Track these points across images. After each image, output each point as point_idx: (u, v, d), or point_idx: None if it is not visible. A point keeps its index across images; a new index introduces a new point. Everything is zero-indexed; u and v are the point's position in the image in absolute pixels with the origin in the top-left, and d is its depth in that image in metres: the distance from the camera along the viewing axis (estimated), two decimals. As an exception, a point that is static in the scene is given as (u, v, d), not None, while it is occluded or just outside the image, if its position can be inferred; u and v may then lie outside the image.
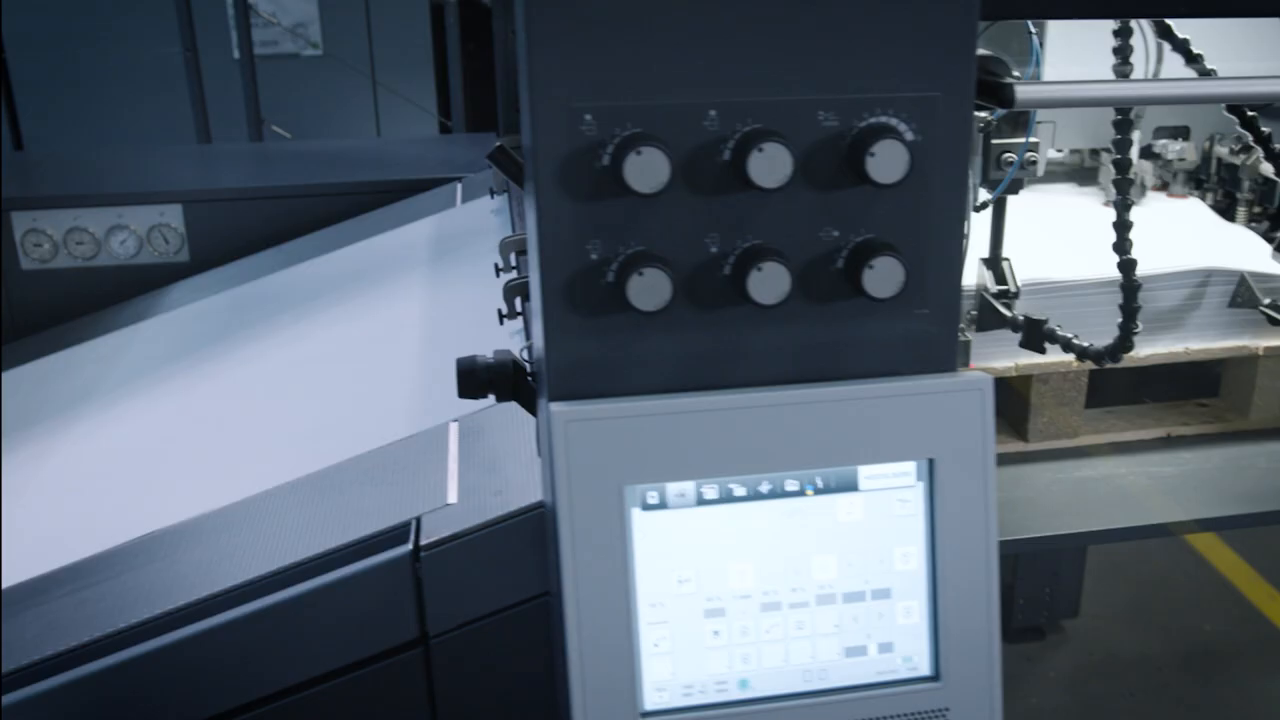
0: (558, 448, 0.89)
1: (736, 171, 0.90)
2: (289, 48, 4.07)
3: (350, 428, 1.54)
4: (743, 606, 0.93)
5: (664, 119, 0.88)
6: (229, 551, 1.34)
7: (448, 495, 1.30)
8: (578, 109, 0.87)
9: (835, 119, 0.91)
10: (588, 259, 0.91)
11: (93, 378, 2.00)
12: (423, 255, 2.04)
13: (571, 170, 0.88)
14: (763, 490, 0.92)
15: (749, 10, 0.88)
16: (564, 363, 0.93)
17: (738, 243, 0.92)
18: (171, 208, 2.43)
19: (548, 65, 0.86)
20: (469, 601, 1.25)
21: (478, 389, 1.23)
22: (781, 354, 0.96)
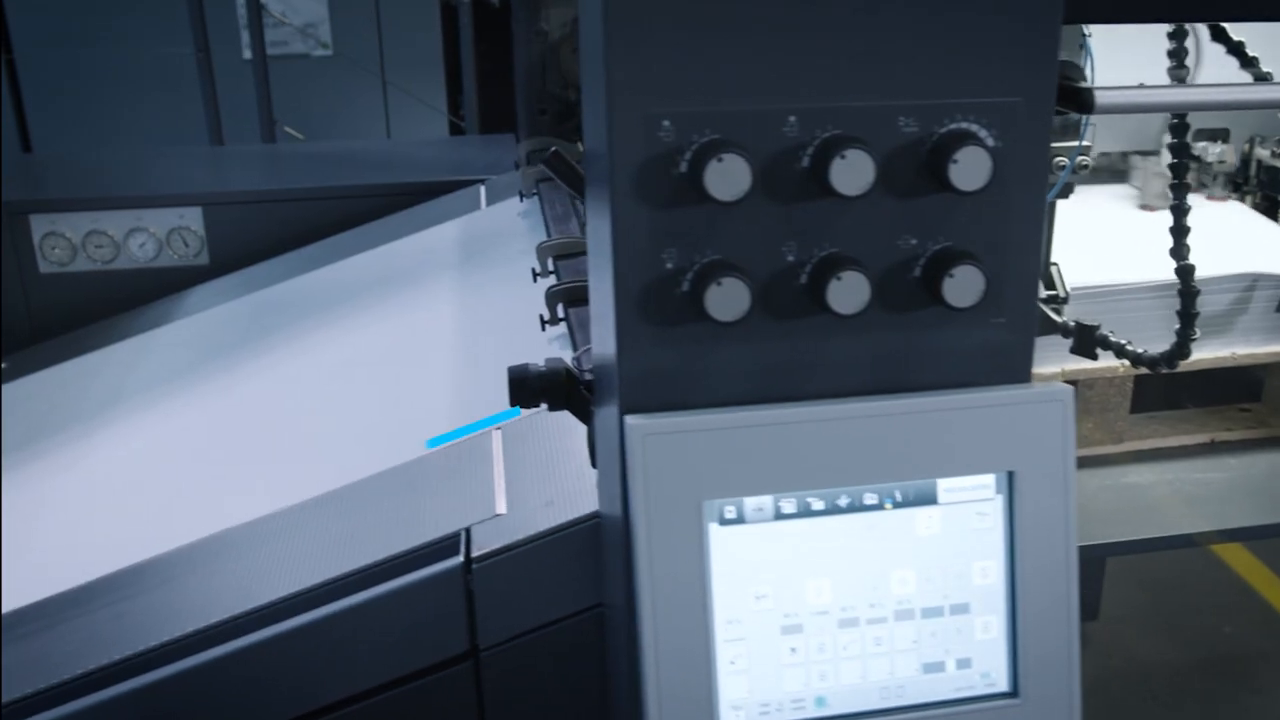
0: (634, 462, 0.87)
1: (816, 178, 0.88)
2: (299, 48, 4.05)
3: (387, 436, 1.51)
4: (820, 623, 0.91)
5: (743, 125, 0.86)
6: (271, 563, 1.32)
7: (496, 505, 1.28)
8: (655, 115, 0.85)
9: (915, 125, 0.89)
10: (663, 268, 0.89)
11: (116, 383, 1.97)
12: (450, 259, 2.02)
13: (648, 177, 0.86)
14: (841, 504, 0.90)
15: (830, 14, 0.86)
16: (637, 373, 0.91)
17: (814, 251, 0.91)
18: (191, 210, 2.41)
19: (627, 71, 0.84)
20: (520, 614, 1.23)
21: (530, 398, 1.21)
22: (856, 364, 0.94)
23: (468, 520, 1.26)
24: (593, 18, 0.86)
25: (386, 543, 1.27)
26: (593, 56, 0.87)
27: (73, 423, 1.86)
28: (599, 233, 0.92)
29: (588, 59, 0.90)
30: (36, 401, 2.03)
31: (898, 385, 0.95)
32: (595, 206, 0.95)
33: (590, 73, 0.89)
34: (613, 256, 0.88)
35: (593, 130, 0.91)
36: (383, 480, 1.41)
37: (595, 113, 0.89)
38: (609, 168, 0.86)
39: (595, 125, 0.90)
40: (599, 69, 0.85)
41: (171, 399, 1.85)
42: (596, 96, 0.87)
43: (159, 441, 1.72)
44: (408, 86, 4.21)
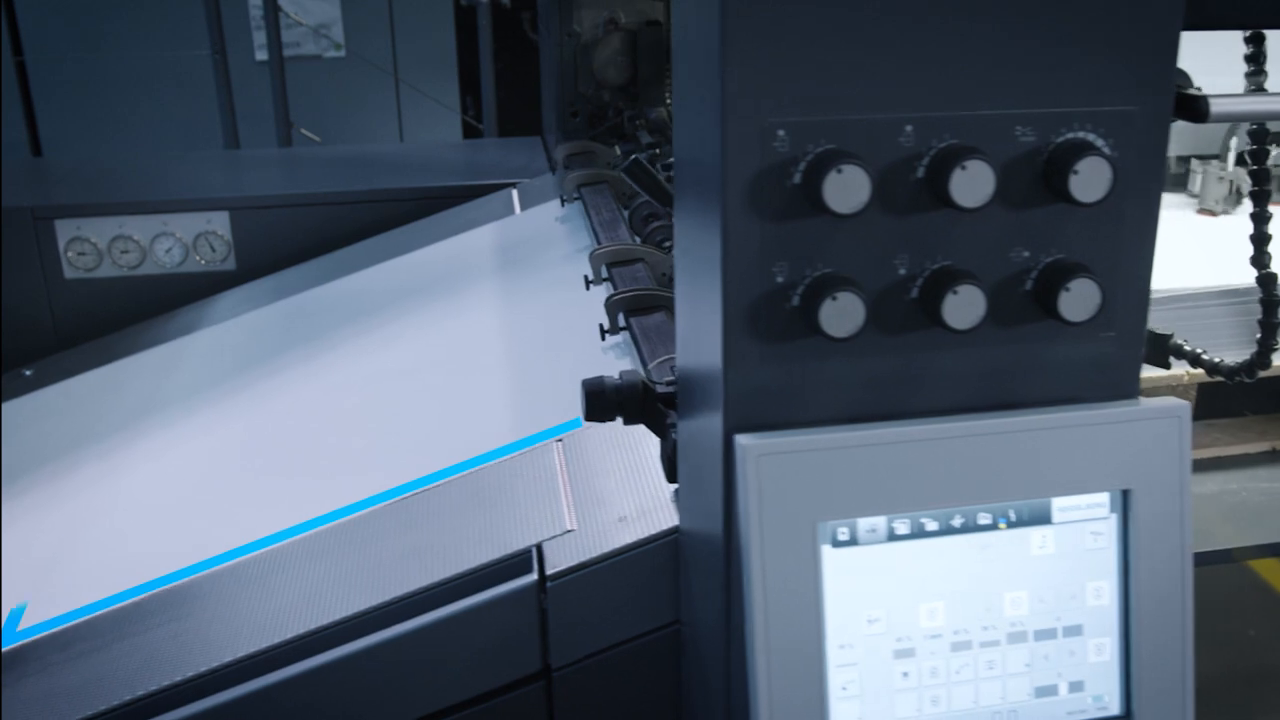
0: (747, 483, 0.84)
1: (932, 189, 0.86)
2: (311, 49, 4.01)
3: (441, 447, 1.48)
4: (933, 646, 0.88)
5: (859, 135, 0.84)
6: (332, 580, 1.29)
7: (566, 520, 1.25)
8: (771, 125, 0.82)
9: (1032, 134, 0.86)
10: (773, 282, 0.86)
11: (149, 392, 1.94)
12: (490, 264, 1.99)
13: (761, 189, 0.84)
14: (955, 524, 0.88)
15: (947, 21, 0.83)
16: (743, 390, 0.88)
17: (926, 264, 0.88)
18: (218, 215, 2.37)
19: (742, 80, 0.81)
20: (594, 632, 1.20)
21: (606, 411, 1.19)
22: (964, 379, 0.91)
23: (538, 536, 1.24)
24: (704, 26, 0.84)
25: (454, 559, 1.24)
26: (704, 65, 0.84)
27: (107, 432, 1.82)
28: (703, 245, 0.90)
29: (696, 67, 0.87)
30: (65, 411, 2.00)
31: (1005, 401, 0.92)
32: (696, 218, 0.92)
33: (699, 82, 0.86)
34: (722, 270, 0.85)
35: (698, 140, 0.89)
36: (444, 493, 1.38)
37: (703, 122, 0.86)
38: (720, 179, 0.83)
39: (703, 135, 0.87)
40: (712, 78, 0.82)
41: (209, 407, 1.81)
42: (706, 106, 0.85)
43: (198, 451, 1.69)
44: (421, 88, 4.17)
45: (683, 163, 0.96)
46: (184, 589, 1.36)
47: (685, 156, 0.95)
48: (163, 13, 4.07)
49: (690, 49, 0.89)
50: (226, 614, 1.29)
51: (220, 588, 1.34)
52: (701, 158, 0.88)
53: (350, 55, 4.09)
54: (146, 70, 4.19)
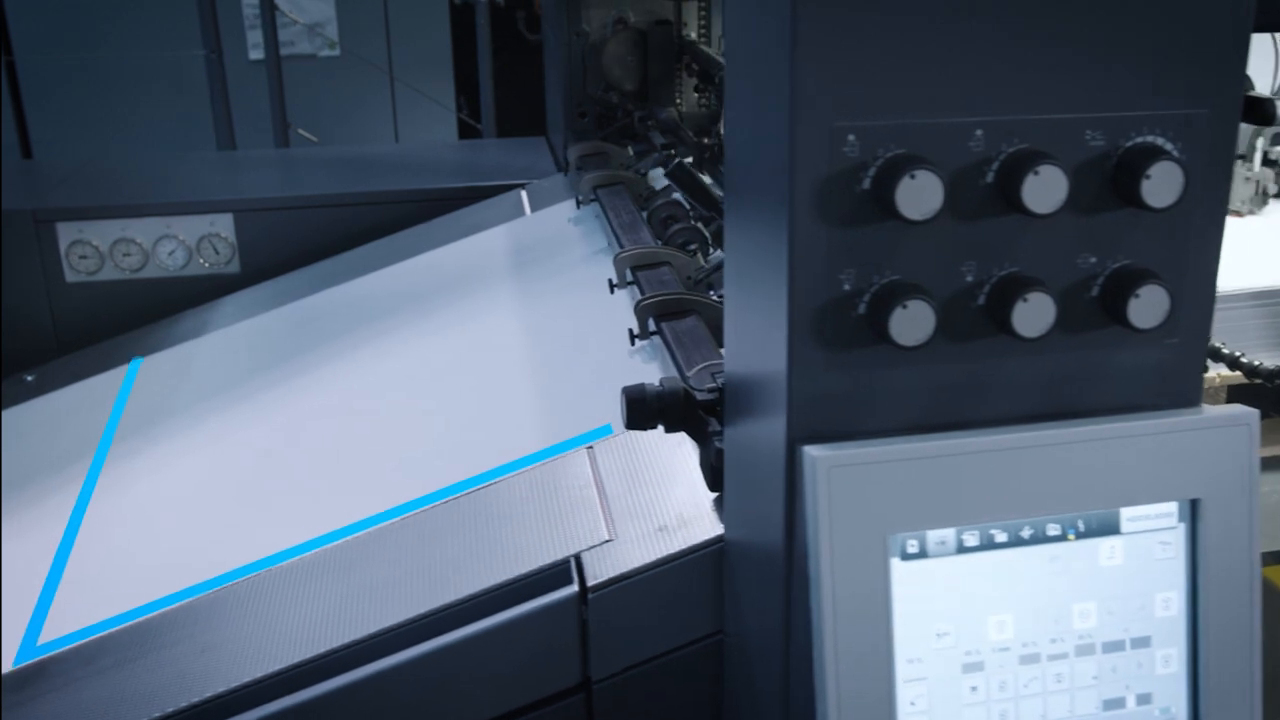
0: (816, 494, 0.82)
1: (1002, 195, 0.84)
2: (305, 48, 3.96)
3: (467, 454, 1.46)
4: (1001, 659, 0.87)
5: (929, 139, 0.82)
6: (365, 591, 1.26)
7: (603, 530, 1.23)
8: (840, 129, 0.81)
9: (1101, 138, 0.85)
10: (840, 290, 0.84)
11: (157, 398, 1.90)
12: (504, 267, 1.97)
13: (830, 194, 0.82)
14: (1024, 535, 0.86)
15: (1017, 23, 0.81)
16: (807, 399, 0.86)
17: (993, 270, 0.86)
18: (222, 217, 2.34)
19: (813, 83, 0.79)
20: (635, 643, 1.18)
21: (648, 419, 1.17)
22: (1027, 388, 0.90)
23: (575, 546, 1.21)
24: (770, 29, 0.82)
25: (489, 570, 1.22)
26: (769, 68, 0.82)
27: (116, 439, 1.79)
28: (765, 250, 0.88)
29: (758, 70, 0.85)
30: (70, 417, 1.96)
31: (1068, 409, 0.91)
32: (756, 223, 0.90)
33: (762, 85, 0.84)
34: (788, 277, 0.83)
35: (760, 144, 0.87)
36: (472, 503, 1.36)
37: (767, 126, 0.84)
38: (788, 184, 0.81)
39: (766, 139, 0.85)
40: (780, 81, 0.80)
41: (223, 413, 1.78)
42: (772, 109, 0.83)
43: (215, 459, 1.66)
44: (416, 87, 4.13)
45: (739, 167, 0.94)
46: (211, 601, 1.33)
47: (743, 160, 0.93)
48: (152, 12, 4.01)
49: (751, 51, 0.87)
50: (256, 628, 1.26)
51: (248, 600, 1.31)
52: (765, 162, 0.86)
53: (345, 54, 4.05)
54: (136, 70, 4.13)
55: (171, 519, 1.54)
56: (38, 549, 1.53)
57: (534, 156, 2.59)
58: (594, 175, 1.93)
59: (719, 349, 1.34)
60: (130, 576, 1.43)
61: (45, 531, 1.57)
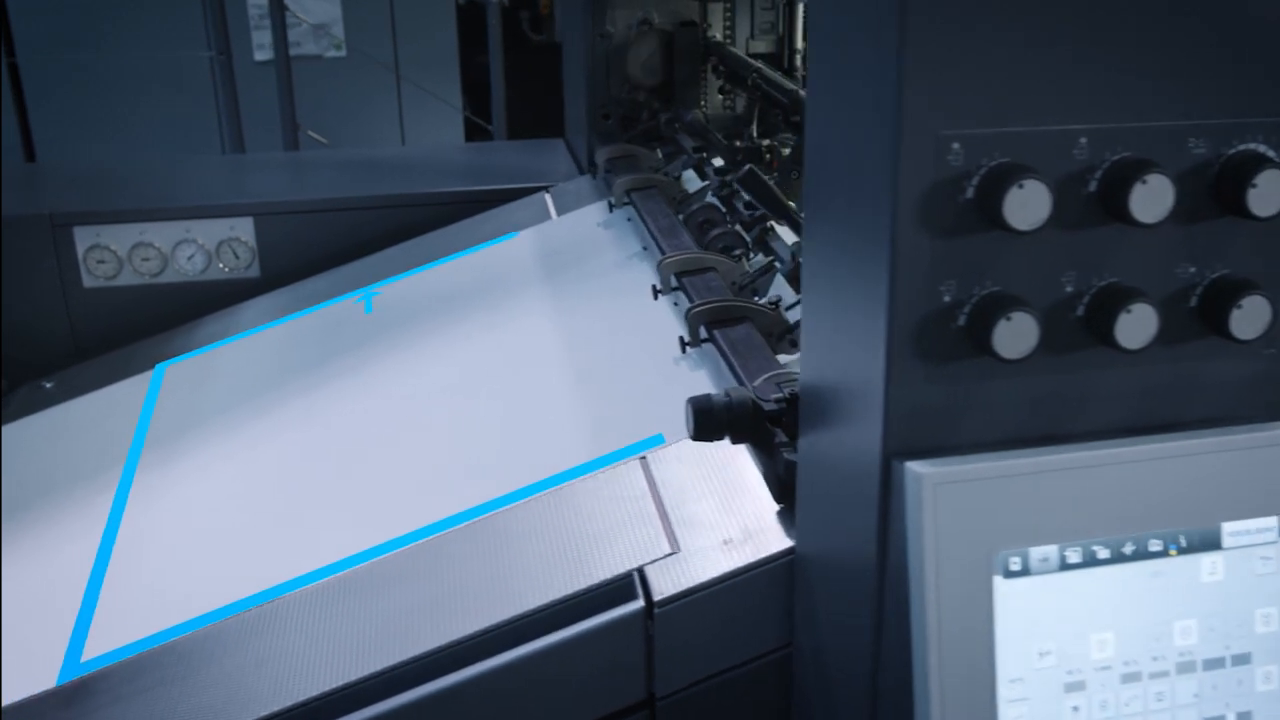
0: (921, 512, 0.80)
1: (1105, 204, 0.82)
2: (311, 49, 3.93)
3: (513, 465, 1.43)
4: (1103, 678, 0.85)
5: (1033, 148, 0.80)
6: (420, 606, 1.24)
7: (664, 543, 1.21)
8: (946, 137, 0.79)
9: (1204, 146, 0.83)
10: (940, 301, 0.82)
11: (189, 404, 1.87)
12: (535, 272, 1.94)
13: (933, 204, 0.80)
14: (1126, 551, 0.84)
15: (1126, 30, 0.80)
16: (905, 413, 0.85)
17: (1093, 281, 0.85)
18: (242, 221, 2.31)
19: (920, 90, 0.77)
20: (700, 658, 1.16)
21: (716, 430, 1.16)
22: (1124, 400, 0.88)
23: (638, 560, 1.19)
24: (872, 34, 0.80)
25: (548, 585, 1.20)
26: (873, 76, 0.80)
27: (148, 447, 1.76)
28: (860, 260, 0.86)
29: (858, 78, 0.83)
30: (95, 425, 1.93)
31: (1164, 421, 0.89)
32: (847, 232, 0.88)
33: (863, 93, 0.82)
34: (889, 288, 0.81)
35: (858, 153, 0.85)
36: (524, 514, 1.33)
37: (865, 133, 0.82)
38: (891, 194, 0.80)
39: (866, 148, 0.83)
40: (885, 88, 0.78)
41: (255, 422, 1.75)
42: (871, 116, 0.81)
43: (251, 468, 1.63)
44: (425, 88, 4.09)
45: (825, 176, 0.92)
46: (261, 616, 1.30)
47: (831, 170, 0.91)
48: (154, 13, 3.97)
49: (844, 59, 0.86)
50: (310, 642, 1.24)
51: (300, 614, 1.28)
52: (861, 171, 0.84)
53: (351, 55, 4.02)
54: (138, 71, 4.08)
55: (211, 530, 1.51)
56: (74, 560, 1.50)
57: (554, 159, 2.56)
58: (627, 179, 1.91)
59: (775, 357, 1.32)
60: (173, 590, 1.40)
61: (80, 542, 1.54)
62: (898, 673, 0.87)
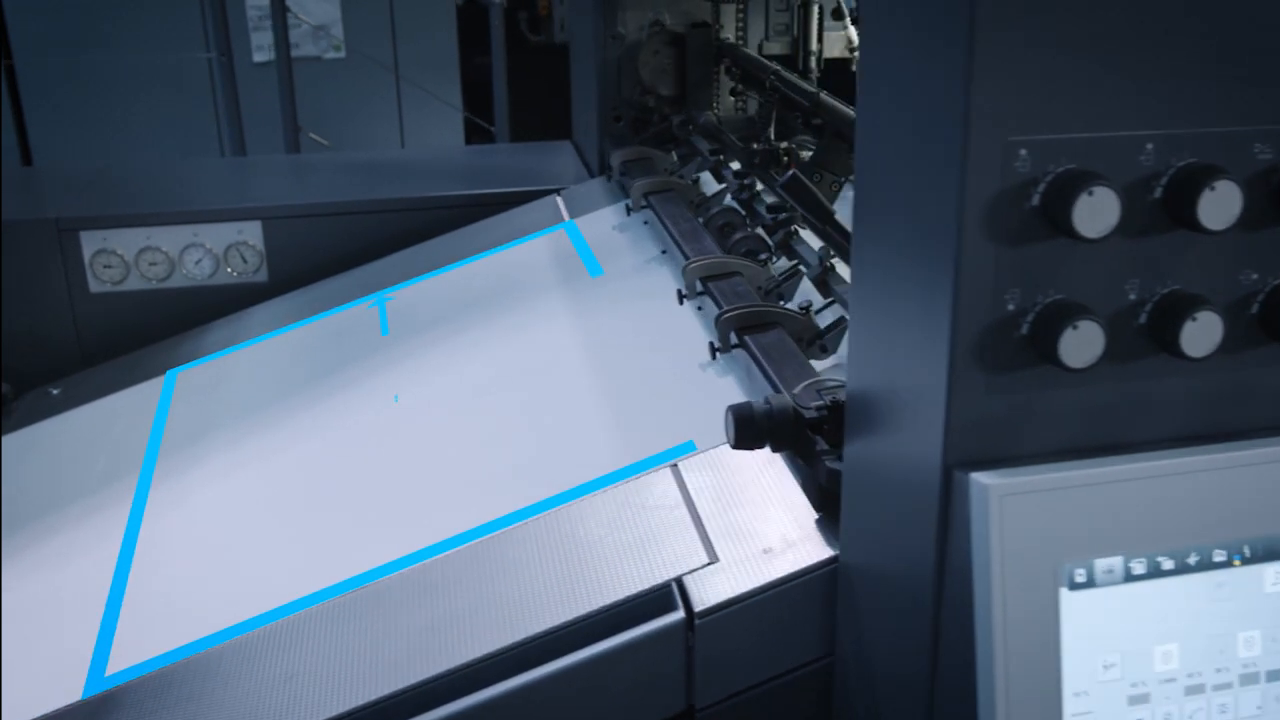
0: (988, 524, 0.79)
1: (1171, 210, 0.81)
2: (310, 50, 3.90)
3: (541, 474, 1.42)
4: (1167, 690, 0.84)
5: (1099, 154, 0.79)
6: (454, 618, 1.22)
7: (702, 553, 1.19)
8: (1013, 144, 0.77)
9: (1269, 151, 0.82)
10: (1004, 310, 0.81)
11: (204, 411, 1.85)
12: (551, 276, 1.92)
13: (999, 211, 0.79)
14: (1190, 562, 0.83)
15: (1190, 33, 0.79)
16: (966, 423, 0.83)
17: (1156, 289, 0.84)
18: (250, 225, 2.28)
19: (989, 96, 0.76)
20: (741, 669, 1.15)
21: (756, 438, 1.14)
22: (1184, 409, 0.87)
23: (675, 570, 1.18)
24: (938, 37, 0.78)
25: (587, 595, 1.18)
26: (939, 82, 0.79)
27: (163, 456, 1.74)
28: (920, 268, 0.84)
29: (921, 83, 0.81)
30: (107, 432, 1.90)
31: (1223, 429, 0.88)
32: (904, 240, 0.87)
33: (927, 99, 0.81)
34: (953, 297, 0.80)
35: (921, 159, 0.83)
36: (557, 522, 1.31)
37: (933, 141, 0.81)
38: (957, 201, 0.78)
39: (930, 154, 0.81)
40: (951, 94, 0.77)
41: (271, 430, 1.73)
42: (940, 123, 0.79)
43: (269, 478, 1.61)
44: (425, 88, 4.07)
45: (879, 182, 0.91)
46: (285, 629, 1.28)
47: (887, 176, 0.90)
48: (152, 14, 3.93)
49: (904, 64, 0.84)
50: (339, 657, 1.22)
51: (326, 628, 1.26)
52: (924, 178, 0.83)
53: (350, 56, 3.99)
54: (136, 74, 4.04)
55: (231, 541, 1.49)
56: (93, 571, 1.48)
57: (562, 161, 2.55)
58: (645, 181, 1.89)
59: (809, 363, 1.31)
60: (195, 603, 1.38)
61: (98, 552, 1.52)
62: (957, 685, 0.86)
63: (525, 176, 2.44)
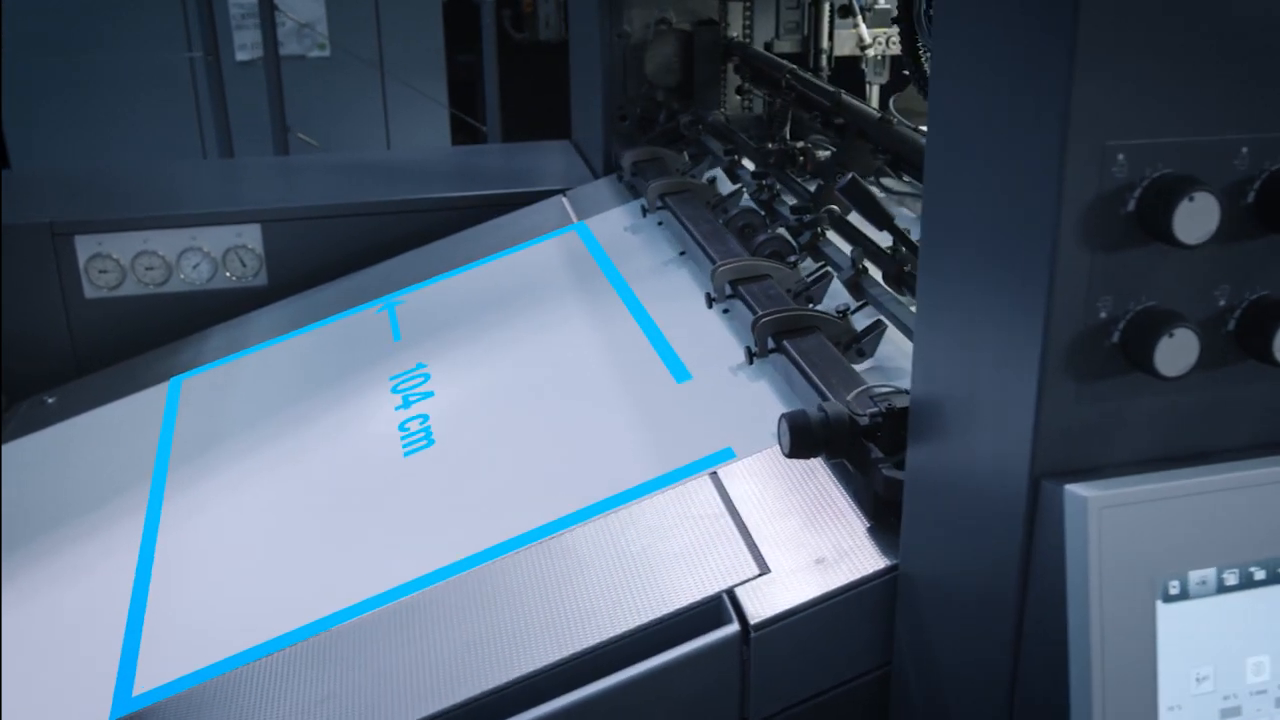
0: (1086, 536, 0.77)
1: (1264, 216, 0.80)
2: (295, 49, 3.84)
3: (573, 484, 1.39)
4: (1259, 703, 0.82)
5: (1195, 158, 0.78)
6: (498, 632, 1.19)
7: (751, 563, 1.17)
8: (1112, 148, 0.76)
9: (1360, 154, 0.81)
10: (1096, 317, 0.79)
11: (213, 421, 1.80)
12: (565, 277, 1.89)
13: (1095, 217, 0.77)
14: (1281, 572, 0.82)
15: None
16: (1055, 433, 0.82)
17: (1245, 294, 0.82)
18: (249, 228, 2.24)
19: (1090, 100, 0.74)
20: (796, 681, 1.13)
21: (813, 447, 1.12)
22: (1270, 415, 0.86)
23: (726, 581, 1.15)
24: (1032, 38, 0.77)
25: (634, 608, 1.16)
26: (1035, 84, 0.77)
27: (174, 467, 1.69)
28: (1009, 275, 0.82)
29: (1018, 84, 0.79)
30: (111, 442, 1.85)
31: (1306, 436, 0.87)
32: (992, 246, 0.85)
33: (1026, 100, 0.79)
34: (1046, 305, 0.78)
35: (1007, 163, 0.81)
36: (596, 533, 1.29)
37: (1024, 145, 0.79)
38: (1054, 207, 0.76)
39: (1020, 158, 0.80)
40: (1051, 99, 0.75)
41: (282, 439, 1.69)
42: (1034, 127, 0.78)
43: (289, 489, 1.57)
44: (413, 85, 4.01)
45: (958, 187, 0.89)
46: (318, 647, 1.25)
47: (966, 181, 0.88)
48: (134, 15, 3.85)
49: (990, 66, 0.82)
50: (377, 676, 1.19)
51: (362, 645, 1.23)
52: (1013, 182, 0.81)
53: (335, 55, 3.93)
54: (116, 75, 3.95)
55: (253, 553, 1.45)
56: (111, 586, 1.43)
57: (564, 161, 2.51)
58: (660, 183, 1.87)
59: (853, 369, 1.29)
60: (221, 620, 1.34)
61: (116, 566, 1.47)
62: (1041, 696, 0.85)
63: (528, 177, 2.41)
